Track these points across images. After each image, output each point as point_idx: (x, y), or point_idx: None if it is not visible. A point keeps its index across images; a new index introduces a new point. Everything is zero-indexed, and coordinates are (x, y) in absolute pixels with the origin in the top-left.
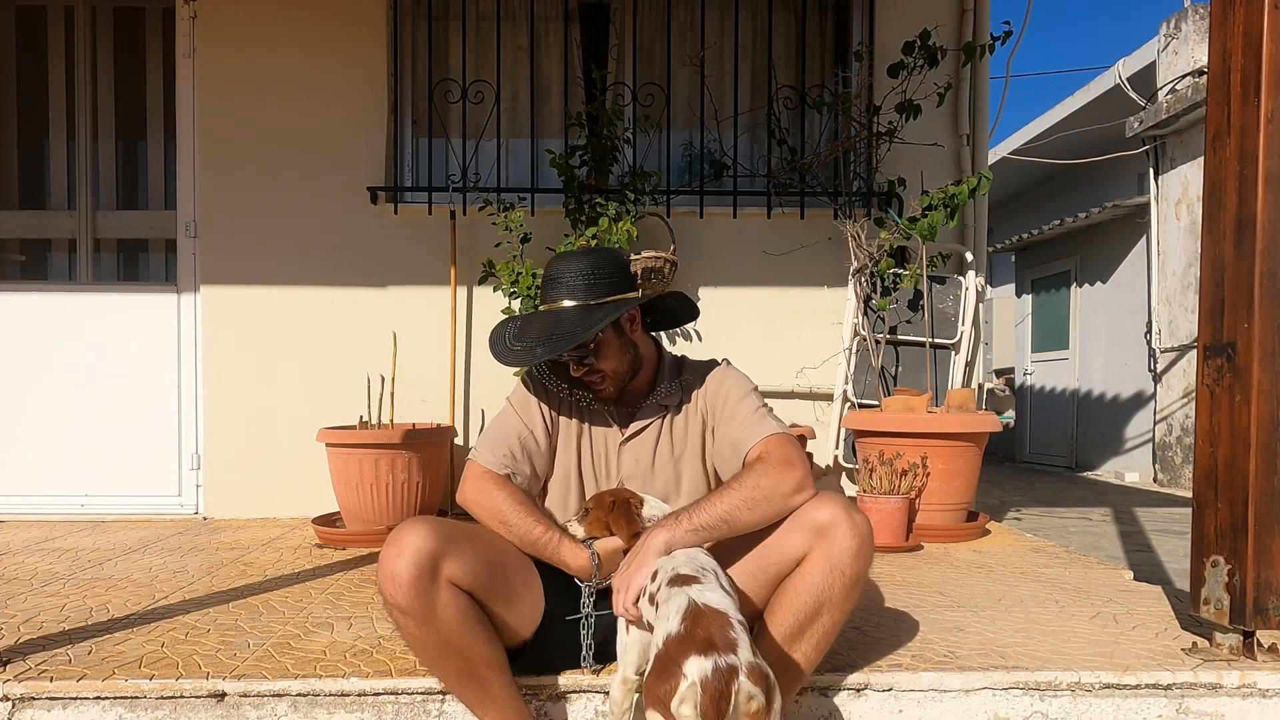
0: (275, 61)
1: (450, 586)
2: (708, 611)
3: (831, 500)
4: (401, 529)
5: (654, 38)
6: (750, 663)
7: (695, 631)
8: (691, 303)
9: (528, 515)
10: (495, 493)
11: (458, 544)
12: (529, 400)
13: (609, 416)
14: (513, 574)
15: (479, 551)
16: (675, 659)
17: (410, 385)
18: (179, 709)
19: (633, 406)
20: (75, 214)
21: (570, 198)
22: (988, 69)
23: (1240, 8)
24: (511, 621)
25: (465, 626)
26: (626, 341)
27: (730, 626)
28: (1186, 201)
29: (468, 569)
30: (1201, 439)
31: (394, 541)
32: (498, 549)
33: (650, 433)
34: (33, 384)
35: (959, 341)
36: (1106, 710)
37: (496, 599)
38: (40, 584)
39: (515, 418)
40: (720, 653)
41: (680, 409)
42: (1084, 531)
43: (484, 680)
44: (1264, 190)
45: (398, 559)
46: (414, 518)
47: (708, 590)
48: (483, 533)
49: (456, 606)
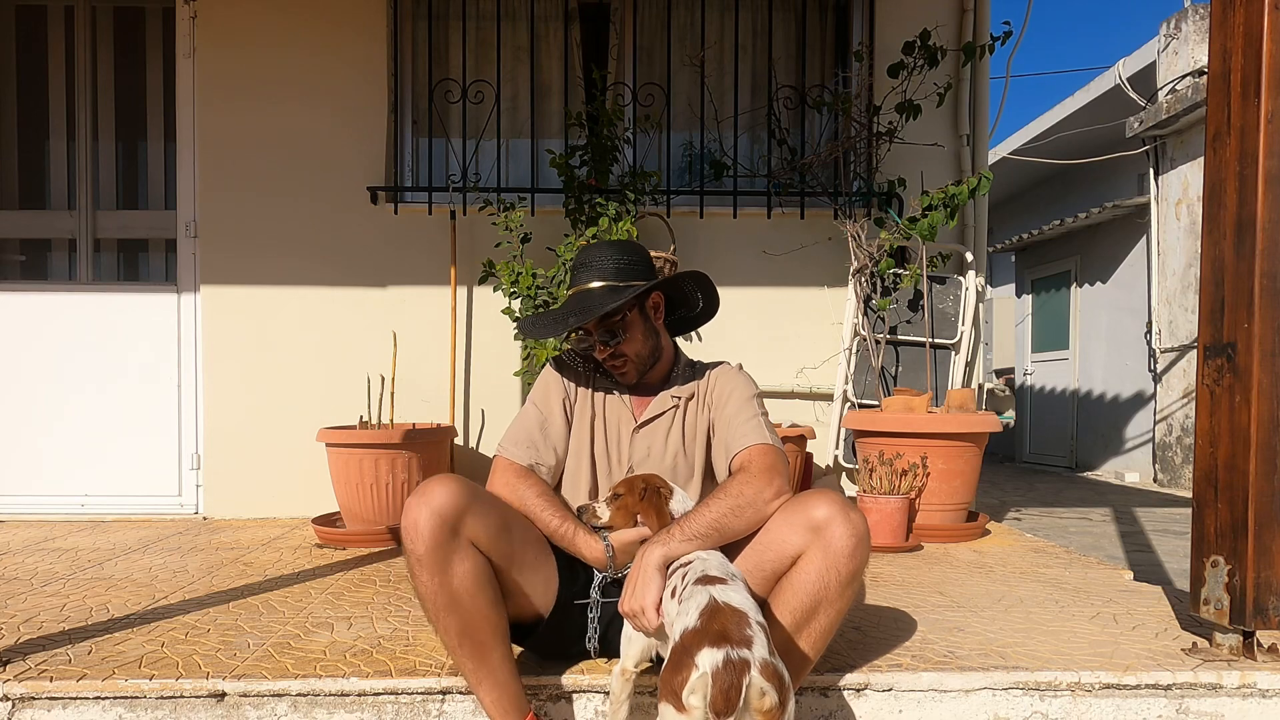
0: (275, 61)
1: (469, 545)
2: (726, 609)
3: (828, 498)
4: (431, 481)
5: (654, 38)
6: (765, 660)
7: (710, 625)
8: (712, 290)
9: (547, 506)
10: (518, 485)
11: (483, 506)
12: (547, 388)
13: (624, 402)
14: (528, 545)
15: (502, 517)
16: (689, 650)
17: (410, 385)
18: (179, 709)
19: (647, 396)
20: (75, 214)
21: (570, 198)
22: (988, 69)
23: (1240, 8)
24: (525, 590)
25: (477, 586)
26: (650, 328)
27: (748, 625)
28: (1186, 201)
29: (490, 531)
30: (1201, 439)
31: (421, 492)
32: (519, 520)
33: (663, 422)
34: (32, 384)
35: (959, 341)
36: (1106, 710)
37: (512, 566)
38: (40, 584)
39: (534, 408)
40: (734, 646)
41: (691, 402)
42: (1084, 531)
43: (484, 646)
44: (1264, 190)
45: (422, 508)
46: (441, 474)
47: (731, 591)
48: (504, 502)
49: (472, 564)
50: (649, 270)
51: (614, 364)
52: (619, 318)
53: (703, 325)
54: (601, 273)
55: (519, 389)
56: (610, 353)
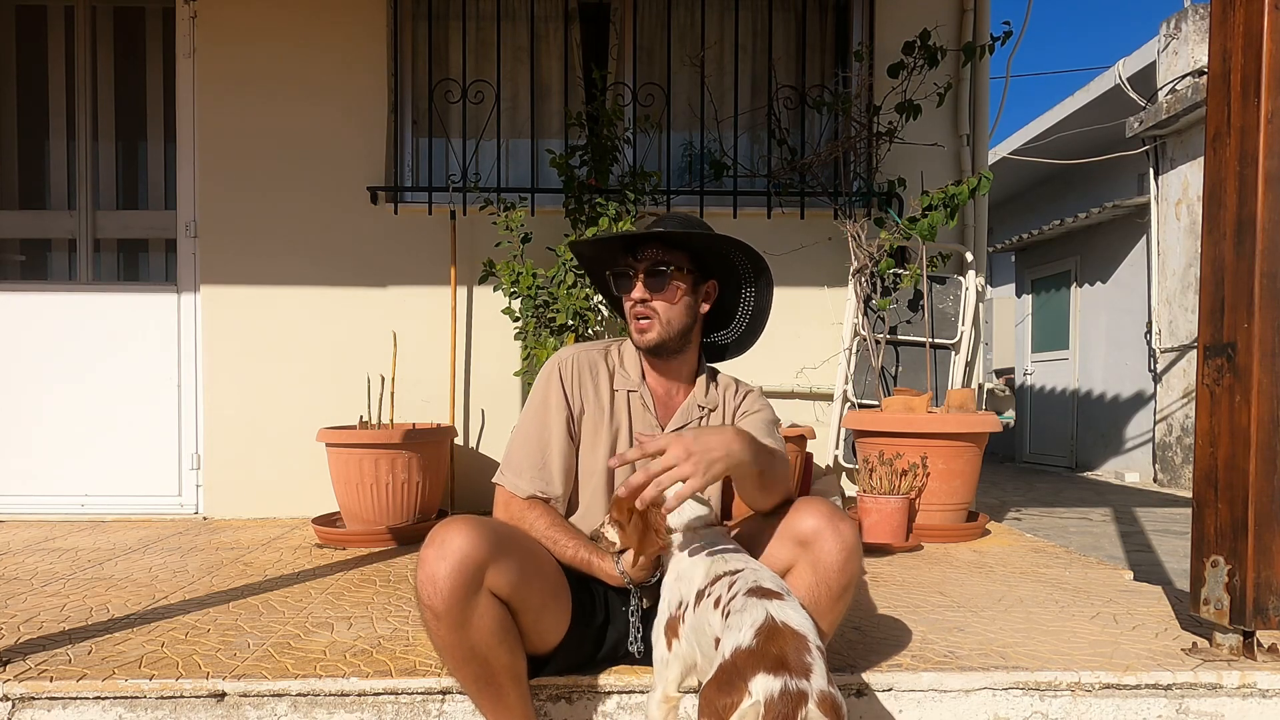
0: (275, 61)
1: (489, 596)
2: (785, 630)
3: (816, 510)
4: (447, 529)
5: (654, 38)
6: (823, 691)
7: (768, 648)
8: (763, 319)
9: (560, 538)
10: (527, 516)
11: (504, 552)
12: (547, 403)
13: (648, 406)
14: (548, 582)
15: (522, 560)
16: (742, 673)
17: (410, 385)
18: (179, 709)
19: (670, 397)
20: (75, 214)
21: (570, 198)
22: (988, 69)
23: (1240, 8)
24: (541, 630)
25: (497, 638)
26: (692, 305)
27: (808, 650)
28: (1186, 201)
29: (510, 580)
30: (1201, 439)
31: (438, 542)
32: (538, 556)
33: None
34: (33, 384)
35: (959, 341)
36: (1106, 710)
37: (531, 609)
38: (40, 584)
39: (534, 428)
40: (792, 675)
41: (715, 412)
42: (1084, 531)
43: (502, 689)
44: (1264, 190)
45: (440, 561)
46: (458, 517)
47: (788, 608)
48: (524, 538)
49: (492, 618)
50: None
51: (640, 312)
52: (671, 269)
53: (724, 359)
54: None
55: (519, 389)
56: (643, 299)
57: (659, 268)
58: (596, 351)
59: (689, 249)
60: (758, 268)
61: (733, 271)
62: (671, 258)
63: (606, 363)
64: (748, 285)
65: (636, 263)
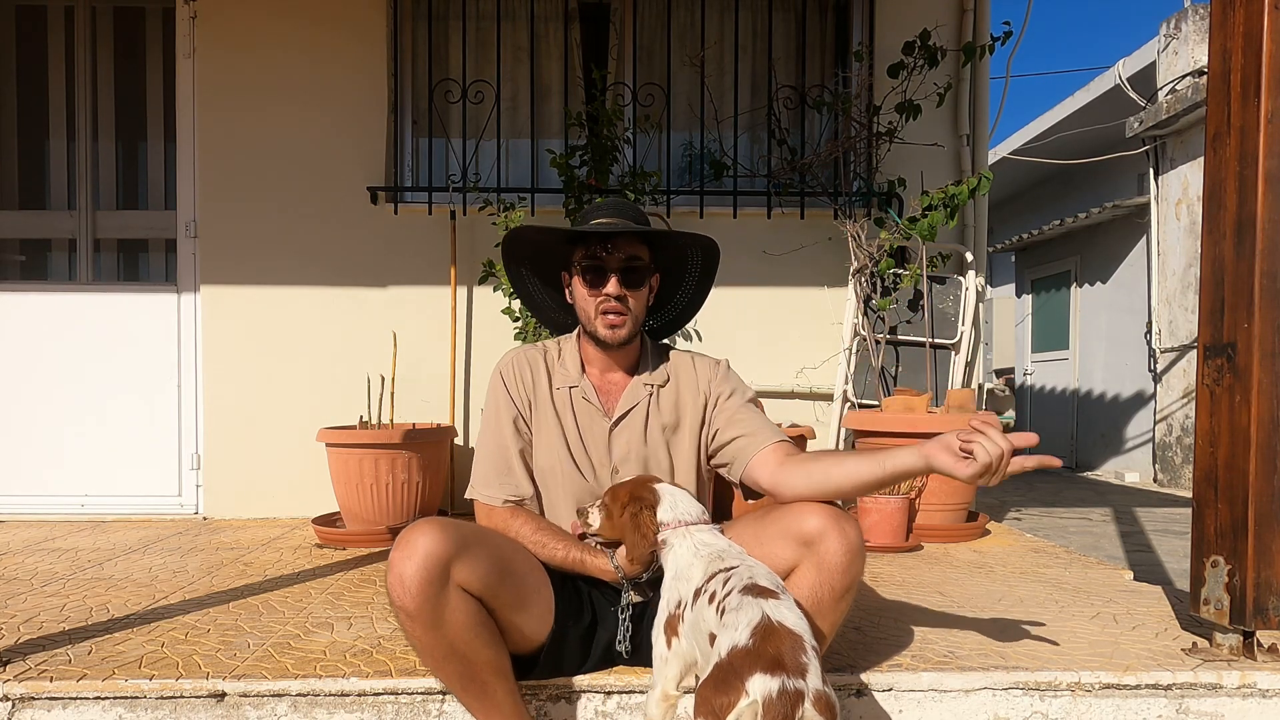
0: (275, 62)
1: (460, 591)
2: (781, 630)
3: (821, 509)
4: (412, 530)
5: (654, 38)
6: (819, 691)
7: (765, 648)
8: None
9: (547, 540)
10: (510, 523)
11: (470, 548)
12: (497, 410)
13: (591, 399)
14: (523, 579)
15: (491, 555)
16: (739, 673)
17: (410, 385)
18: (179, 709)
19: (613, 386)
20: (75, 214)
21: (570, 198)
22: (988, 69)
23: (1240, 8)
24: (521, 627)
25: (473, 632)
26: (648, 297)
27: (803, 650)
28: (1186, 201)
29: (479, 574)
30: (1201, 439)
31: (404, 544)
32: (509, 552)
33: (638, 413)
34: (33, 384)
35: (959, 341)
36: (1106, 710)
37: (506, 604)
38: (40, 584)
39: (491, 438)
40: (789, 675)
41: (667, 387)
42: (1084, 531)
43: (487, 685)
44: (1264, 190)
45: (407, 561)
46: (425, 519)
47: (784, 608)
48: (495, 536)
49: (465, 612)
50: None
51: (614, 308)
52: (644, 264)
53: (685, 325)
54: (637, 215)
55: None
56: (619, 295)
57: (635, 263)
58: (535, 351)
59: (649, 242)
60: (706, 267)
61: (683, 266)
62: (642, 252)
63: (545, 361)
64: (690, 277)
65: (609, 257)
